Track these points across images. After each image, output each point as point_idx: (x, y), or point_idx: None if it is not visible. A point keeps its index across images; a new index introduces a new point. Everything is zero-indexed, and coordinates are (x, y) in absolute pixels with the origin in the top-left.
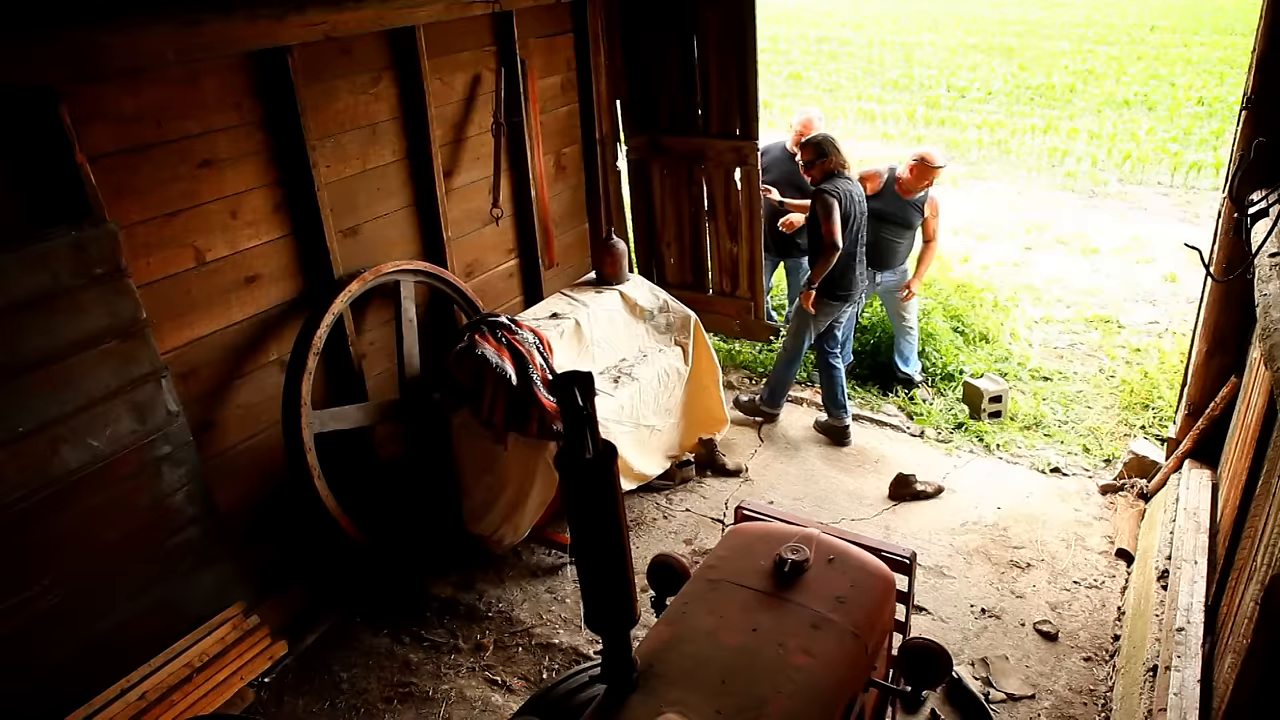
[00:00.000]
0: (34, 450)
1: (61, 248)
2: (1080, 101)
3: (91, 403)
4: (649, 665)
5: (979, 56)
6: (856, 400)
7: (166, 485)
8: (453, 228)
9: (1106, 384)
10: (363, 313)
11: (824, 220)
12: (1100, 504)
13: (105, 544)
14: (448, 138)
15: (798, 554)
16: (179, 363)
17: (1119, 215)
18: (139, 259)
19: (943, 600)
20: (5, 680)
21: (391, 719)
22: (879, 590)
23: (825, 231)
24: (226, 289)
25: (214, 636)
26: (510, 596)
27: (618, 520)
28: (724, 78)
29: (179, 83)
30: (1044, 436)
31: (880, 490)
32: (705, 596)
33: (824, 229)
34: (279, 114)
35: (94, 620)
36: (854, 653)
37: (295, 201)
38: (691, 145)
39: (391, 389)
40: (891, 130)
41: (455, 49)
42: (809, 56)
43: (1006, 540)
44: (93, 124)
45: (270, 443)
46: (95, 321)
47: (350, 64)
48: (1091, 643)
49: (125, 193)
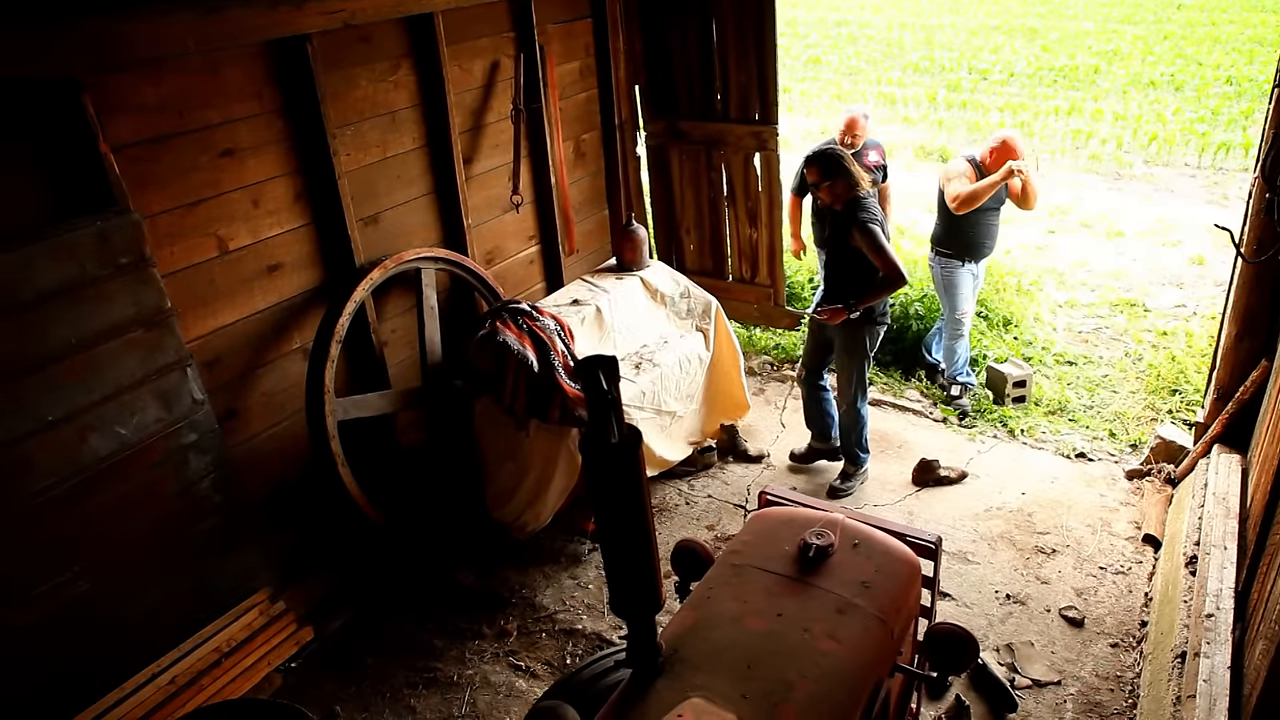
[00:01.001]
0: (63, 439)
1: (87, 238)
2: (1105, 82)
3: (118, 391)
4: (674, 650)
5: (1001, 38)
6: (879, 385)
7: (193, 473)
8: (473, 215)
9: (1132, 368)
10: (384, 300)
11: (878, 254)
12: (1126, 489)
13: (134, 531)
14: (467, 125)
15: (822, 539)
16: (203, 351)
17: (1144, 197)
18: (163, 248)
19: (967, 586)
20: (40, 665)
21: (417, 704)
22: (904, 575)
23: (885, 265)
24: (249, 278)
25: (241, 622)
26: (533, 582)
27: (643, 505)
28: (743, 62)
29: (200, 72)
30: (1069, 421)
31: (903, 476)
32: (729, 582)
33: (883, 263)
34: (299, 102)
35: (124, 606)
36: (879, 638)
37: (316, 190)
38: (710, 131)
39: (413, 376)
40: (912, 114)
41: (474, 35)
42: (828, 40)
43: (1031, 526)
44: (116, 114)
45: (293, 430)
46: (121, 311)
47: (369, 51)
48: (1118, 629)
49: (148, 183)
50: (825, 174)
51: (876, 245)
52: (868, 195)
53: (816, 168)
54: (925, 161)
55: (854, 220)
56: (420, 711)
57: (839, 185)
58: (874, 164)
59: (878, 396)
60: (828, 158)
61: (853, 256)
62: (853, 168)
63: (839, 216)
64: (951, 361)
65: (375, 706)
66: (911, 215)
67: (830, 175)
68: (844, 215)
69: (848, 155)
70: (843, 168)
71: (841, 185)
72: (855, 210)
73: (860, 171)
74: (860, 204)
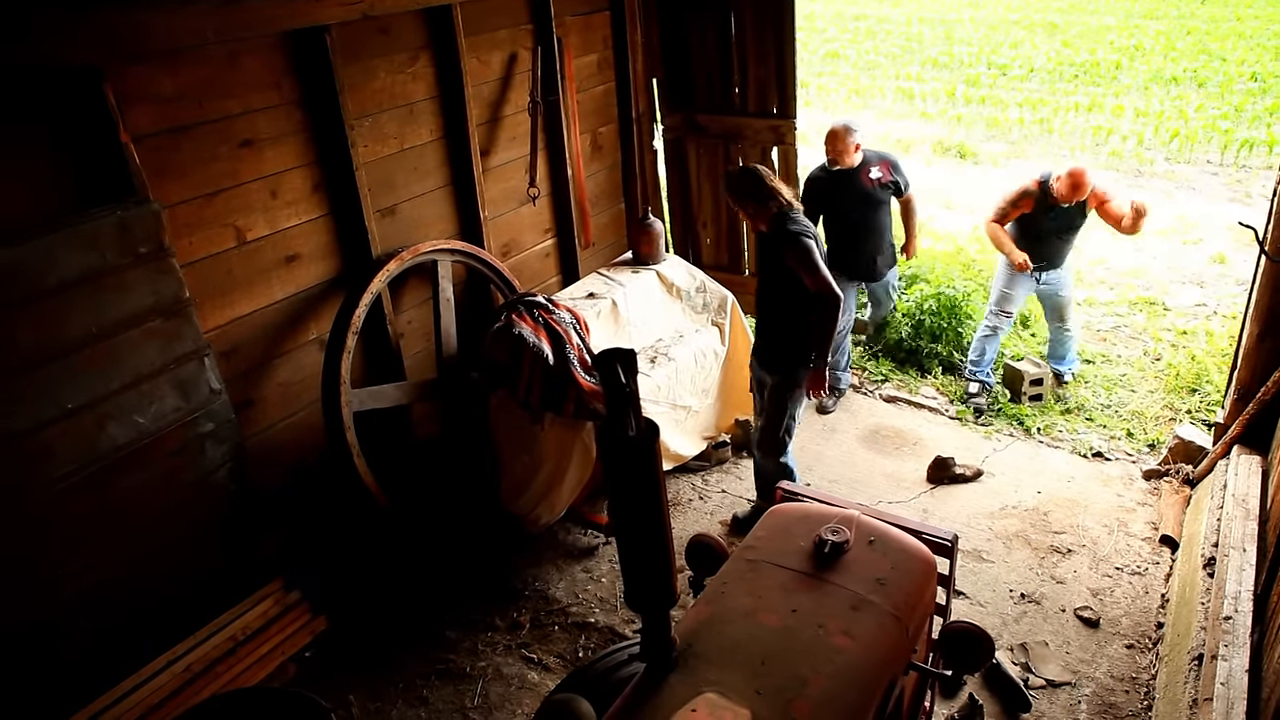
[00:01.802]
0: (83, 426)
1: (108, 227)
2: (1126, 78)
3: (137, 380)
4: (688, 645)
5: (1021, 33)
6: (894, 382)
7: (209, 462)
8: (489, 207)
9: (1151, 367)
10: (400, 292)
11: (810, 272)
12: (1144, 489)
13: (151, 519)
14: (484, 117)
15: (838, 535)
16: (221, 341)
17: (1165, 195)
18: (181, 238)
19: (981, 584)
20: (59, 650)
21: (430, 694)
22: (920, 573)
23: (818, 284)
24: (267, 268)
25: (256, 611)
26: (546, 575)
27: (659, 499)
28: (762, 56)
29: (219, 63)
30: (1086, 420)
31: (918, 473)
32: (744, 577)
33: (815, 281)
34: (318, 93)
35: (140, 593)
36: (894, 635)
37: (334, 181)
38: (728, 124)
39: (429, 368)
40: (930, 109)
41: (492, 27)
42: (846, 34)
43: (1047, 525)
44: (136, 104)
45: (309, 421)
46: (140, 300)
47: (388, 43)
48: (1134, 630)
49: (168, 173)
50: (733, 197)
51: (809, 262)
52: (793, 209)
53: (727, 191)
54: (943, 157)
55: (783, 237)
56: (433, 702)
57: (748, 206)
58: (877, 180)
59: (892, 393)
60: (730, 178)
61: (788, 283)
62: (766, 185)
63: (766, 240)
64: (978, 356)
65: (388, 697)
66: (930, 211)
67: (737, 197)
68: (772, 236)
69: (761, 172)
70: (747, 187)
71: (751, 206)
72: (782, 225)
73: (779, 186)
74: (786, 219)
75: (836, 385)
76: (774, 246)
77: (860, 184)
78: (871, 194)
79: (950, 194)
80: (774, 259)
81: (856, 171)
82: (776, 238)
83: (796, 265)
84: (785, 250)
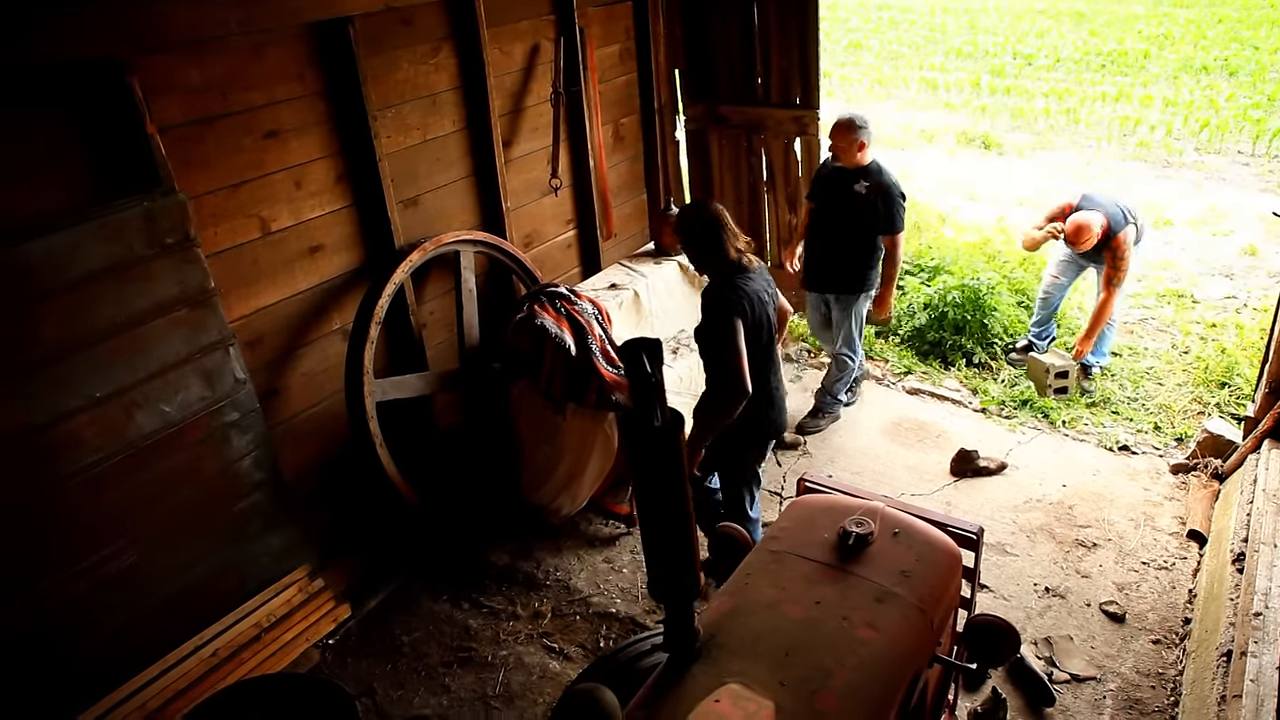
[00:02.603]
0: (110, 415)
1: (134, 218)
2: (1155, 67)
3: (163, 369)
4: (711, 635)
5: (1047, 22)
6: (917, 374)
7: (234, 451)
8: (512, 198)
9: (1179, 360)
10: (423, 283)
11: (717, 350)
12: (1171, 484)
13: (177, 507)
14: (506, 108)
15: (862, 527)
16: (245, 331)
17: (1194, 186)
18: (207, 229)
19: (1005, 578)
20: (86, 636)
21: (452, 682)
22: (945, 565)
23: (720, 369)
24: (291, 259)
25: (281, 598)
26: (568, 565)
27: (683, 489)
28: (785, 46)
29: (244, 54)
30: (1112, 414)
31: (941, 466)
32: (768, 568)
33: (719, 364)
34: (341, 85)
35: (167, 580)
36: (919, 628)
37: (357, 172)
38: (750, 115)
39: (451, 358)
40: (955, 99)
41: (514, 18)
42: (869, 24)
43: (1072, 519)
44: (162, 95)
45: (333, 410)
46: (166, 290)
47: (410, 34)
48: (1161, 625)
49: (193, 163)
50: (688, 237)
51: (718, 343)
52: (739, 271)
53: (676, 229)
54: (967, 148)
55: (705, 304)
56: (455, 690)
57: (689, 255)
58: (861, 193)
59: (915, 385)
60: (680, 218)
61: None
62: (711, 239)
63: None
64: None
65: (411, 684)
66: (953, 202)
67: (680, 242)
68: (704, 295)
69: (712, 222)
70: (691, 237)
71: (693, 257)
72: (712, 291)
73: (730, 241)
74: (723, 284)
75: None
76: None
77: (847, 188)
78: (853, 204)
79: (974, 185)
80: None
81: (851, 174)
82: (704, 300)
83: (702, 339)
84: (705, 313)
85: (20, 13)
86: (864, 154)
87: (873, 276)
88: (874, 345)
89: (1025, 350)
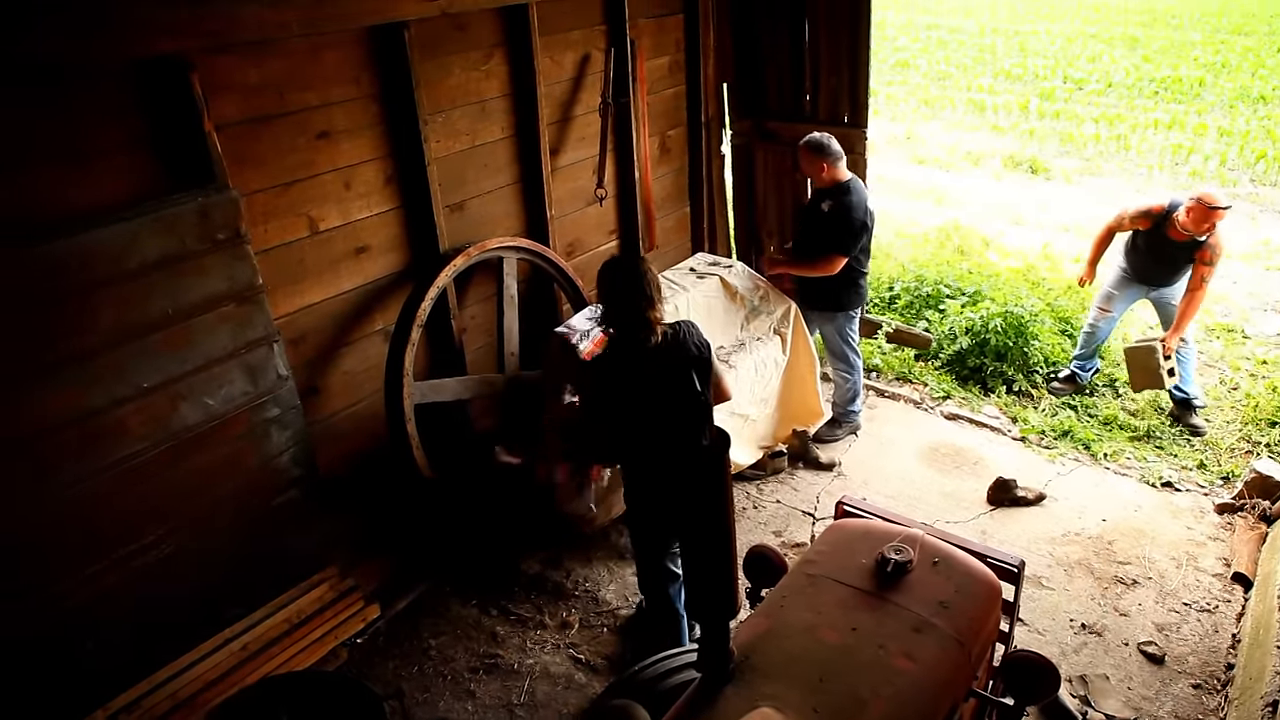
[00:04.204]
0: (156, 406)
1: (189, 213)
2: (1210, 95)
3: (209, 363)
4: (745, 657)
5: (1099, 46)
6: (956, 399)
7: (274, 446)
8: (556, 206)
9: (1228, 397)
10: (465, 287)
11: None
12: (1216, 523)
13: (215, 500)
14: (555, 116)
15: (901, 554)
16: (289, 328)
17: (1249, 218)
18: (257, 226)
19: (1040, 612)
20: (121, 623)
21: (477, 689)
22: (984, 597)
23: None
24: (337, 259)
25: (311, 595)
26: (597, 576)
27: (727, 509)
28: (834, 63)
29: (301, 55)
30: (1155, 448)
31: (978, 493)
32: (804, 591)
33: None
34: (394, 88)
35: (202, 572)
36: (957, 660)
37: (405, 175)
38: (798, 132)
39: (490, 364)
40: (1002, 122)
41: (566, 27)
42: (917, 44)
43: (1111, 554)
44: (220, 94)
45: (371, 410)
46: (216, 285)
47: (464, 40)
48: (1202, 669)
49: (247, 161)
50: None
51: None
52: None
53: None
54: (1014, 172)
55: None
56: (480, 696)
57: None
58: (825, 209)
59: (954, 410)
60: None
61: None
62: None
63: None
64: (1079, 349)
65: (436, 689)
66: (998, 227)
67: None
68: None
69: (635, 274)
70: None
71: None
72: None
73: (650, 306)
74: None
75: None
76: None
77: (816, 206)
78: (819, 223)
79: (1019, 209)
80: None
81: (822, 193)
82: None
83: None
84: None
85: (107, 11)
86: (832, 174)
87: (853, 296)
88: (913, 369)
89: (1068, 380)
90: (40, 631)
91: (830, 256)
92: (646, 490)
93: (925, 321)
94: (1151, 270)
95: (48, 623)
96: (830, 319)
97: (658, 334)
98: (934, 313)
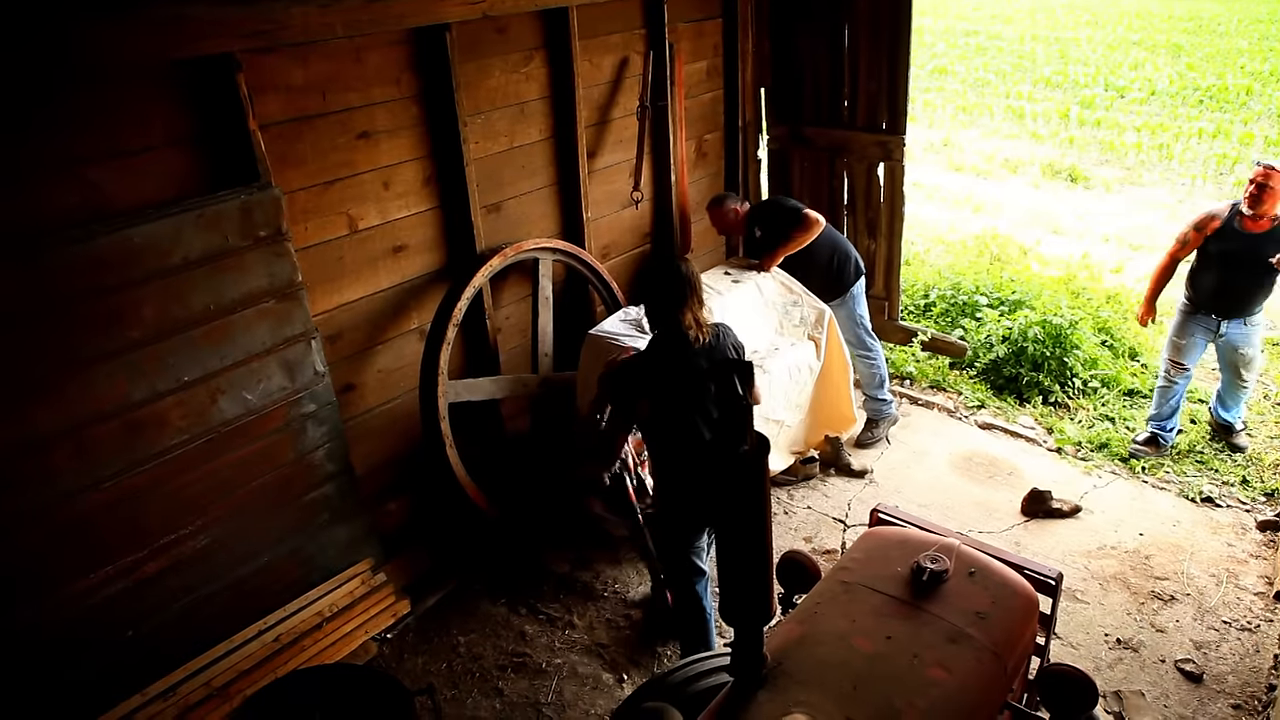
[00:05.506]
0: (196, 399)
1: (231, 210)
2: (1257, 104)
3: (248, 358)
4: (777, 663)
5: (1142, 54)
6: (990, 409)
7: (309, 442)
8: (592, 209)
9: (1272, 411)
10: (500, 288)
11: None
12: (1258, 540)
13: (251, 493)
14: (592, 119)
15: (937, 564)
16: (327, 325)
17: None
18: (297, 224)
19: (1074, 626)
20: (158, 612)
21: (505, 687)
22: (1021, 609)
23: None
24: (375, 257)
25: (344, 589)
26: (626, 578)
27: (765, 514)
28: (873, 69)
29: (345, 56)
30: (1196, 463)
31: (1011, 504)
32: (838, 598)
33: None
34: (434, 90)
35: (237, 564)
36: (993, 672)
37: (444, 175)
38: (834, 138)
39: (524, 364)
40: (1042, 130)
41: (605, 31)
42: (956, 50)
43: (1148, 569)
44: (264, 93)
45: (405, 408)
46: (256, 281)
47: (504, 43)
48: (1242, 689)
49: (289, 160)
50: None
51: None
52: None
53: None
54: (1053, 180)
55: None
56: (508, 694)
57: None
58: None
59: (988, 420)
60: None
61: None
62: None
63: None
64: (1155, 409)
65: (464, 685)
66: (1036, 235)
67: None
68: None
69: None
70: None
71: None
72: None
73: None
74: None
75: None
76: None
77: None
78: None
79: (1059, 219)
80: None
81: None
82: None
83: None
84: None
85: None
86: (737, 212)
87: (849, 270)
88: (947, 377)
89: (1149, 443)
90: (82, 617)
91: (790, 236)
92: (684, 490)
93: (961, 329)
94: (1227, 285)
95: (87, 610)
96: (841, 304)
97: (704, 334)
98: (970, 321)
